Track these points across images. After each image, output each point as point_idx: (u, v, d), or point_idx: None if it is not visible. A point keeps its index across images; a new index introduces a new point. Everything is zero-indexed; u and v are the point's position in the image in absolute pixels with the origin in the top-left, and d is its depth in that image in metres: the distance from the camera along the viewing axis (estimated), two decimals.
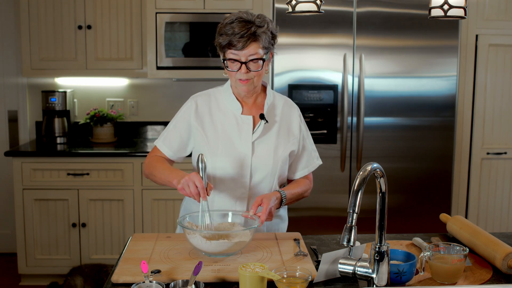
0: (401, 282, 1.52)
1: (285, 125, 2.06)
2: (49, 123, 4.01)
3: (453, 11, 1.67)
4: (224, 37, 1.90)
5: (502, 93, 3.75)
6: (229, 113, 2.03)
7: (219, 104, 2.05)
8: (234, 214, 1.92)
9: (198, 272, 1.49)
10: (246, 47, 1.88)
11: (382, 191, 1.49)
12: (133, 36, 3.86)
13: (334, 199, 3.64)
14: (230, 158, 1.98)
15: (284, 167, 2.05)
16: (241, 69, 1.91)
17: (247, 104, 2.04)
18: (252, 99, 2.04)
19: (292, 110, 2.10)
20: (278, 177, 2.04)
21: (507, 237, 1.95)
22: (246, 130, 2.00)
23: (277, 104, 2.08)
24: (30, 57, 3.85)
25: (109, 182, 3.68)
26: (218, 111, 2.04)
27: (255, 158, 1.99)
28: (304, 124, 2.13)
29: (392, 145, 3.63)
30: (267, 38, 1.93)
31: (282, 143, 2.03)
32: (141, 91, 4.21)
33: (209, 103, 2.06)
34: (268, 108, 2.05)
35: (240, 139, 1.99)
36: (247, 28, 1.88)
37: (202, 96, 2.08)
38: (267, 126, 2.02)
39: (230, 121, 2.02)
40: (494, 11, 3.67)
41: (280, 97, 2.12)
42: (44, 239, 3.72)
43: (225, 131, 2.01)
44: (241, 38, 1.87)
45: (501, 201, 3.84)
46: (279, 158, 2.01)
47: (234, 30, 1.88)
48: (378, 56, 3.54)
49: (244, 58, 1.90)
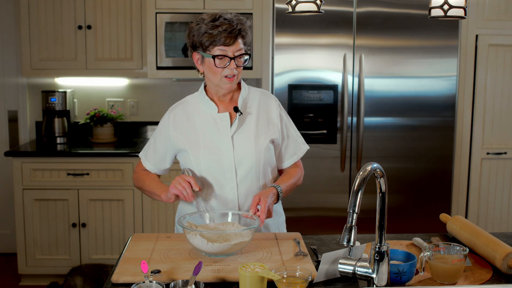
0: (401, 282, 1.52)
1: (263, 115, 2.08)
2: (49, 123, 4.01)
3: (453, 11, 1.67)
4: (208, 36, 1.92)
5: (502, 93, 3.75)
6: (207, 115, 2.05)
7: (196, 108, 2.08)
8: (234, 214, 1.92)
9: (198, 272, 1.49)
10: (234, 43, 1.93)
11: (382, 191, 1.49)
12: (133, 36, 3.86)
13: (334, 199, 3.64)
14: (213, 156, 2.00)
15: (268, 156, 2.06)
16: (230, 65, 1.93)
17: (223, 103, 2.06)
18: (229, 96, 2.07)
19: (269, 100, 2.12)
20: (264, 166, 2.05)
21: (507, 237, 1.95)
22: (223, 126, 2.03)
23: (252, 96, 2.10)
24: (30, 57, 3.85)
25: (109, 182, 3.68)
26: (196, 115, 2.07)
27: (236, 151, 2.01)
28: (284, 113, 2.14)
29: (392, 145, 3.63)
30: (249, 35, 2.00)
31: (262, 133, 2.05)
32: (141, 91, 4.21)
33: (186, 109, 2.09)
34: (243, 101, 2.07)
35: (219, 136, 2.02)
36: (233, 25, 1.93)
37: (179, 105, 2.12)
38: (245, 118, 2.04)
39: (208, 122, 2.04)
40: (494, 11, 3.67)
41: (256, 90, 2.14)
42: (44, 239, 3.72)
43: (204, 132, 2.04)
44: (229, 34, 1.91)
45: (501, 201, 3.84)
46: (261, 147, 2.03)
47: (220, 27, 1.91)
48: (378, 56, 3.54)
49: (231, 54, 1.93)
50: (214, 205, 2.02)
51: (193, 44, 2.00)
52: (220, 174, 2.01)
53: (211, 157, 2.00)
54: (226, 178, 2.01)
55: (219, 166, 2.01)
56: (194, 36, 1.97)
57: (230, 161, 2.00)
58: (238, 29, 1.93)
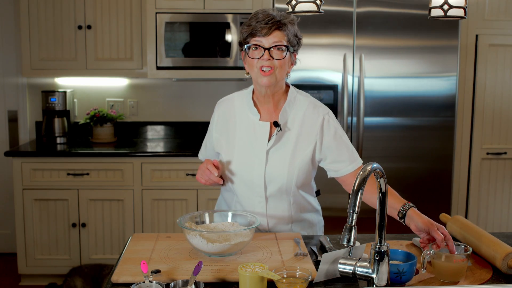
0: (401, 282, 1.52)
1: (305, 131, 1.95)
2: (49, 123, 4.01)
3: (453, 11, 1.67)
4: (247, 27, 1.89)
5: (502, 93, 3.75)
6: (248, 119, 1.98)
7: (240, 109, 2.01)
8: (234, 214, 1.92)
9: (198, 272, 1.49)
10: (270, 34, 1.85)
11: (382, 191, 1.49)
12: (133, 36, 3.86)
13: (334, 199, 3.64)
14: (244, 167, 1.95)
15: (303, 177, 1.97)
16: (264, 56, 1.85)
17: (267, 110, 1.97)
18: (273, 103, 1.96)
19: (316, 114, 1.97)
20: (296, 186, 1.97)
21: (507, 237, 1.95)
22: (261, 137, 1.95)
23: (298, 107, 1.97)
24: (30, 57, 3.85)
25: (109, 182, 3.68)
26: (238, 116, 2.00)
27: (268, 168, 1.94)
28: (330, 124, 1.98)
29: (392, 145, 3.63)
30: (292, 30, 1.90)
31: (300, 152, 1.94)
32: (141, 91, 4.21)
33: (231, 108, 2.03)
34: (286, 114, 1.95)
35: (255, 147, 1.95)
36: (272, 17, 1.87)
37: (225, 102, 2.06)
38: (284, 134, 1.94)
39: (248, 127, 1.97)
40: (494, 11, 3.67)
41: (304, 100, 1.99)
42: (44, 239, 3.72)
43: (242, 138, 1.97)
44: (265, 24, 1.85)
45: (501, 201, 3.84)
46: (295, 168, 1.94)
47: (258, 18, 1.86)
48: (378, 56, 3.54)
49: (267, 44, 1.86)
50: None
51: (239, 42, 1.95)
52: (250, 186, 1.97)
53: (242, 167, 1.96)
54: (255, 192, 1.97)
55: (249, 178, 1.96)
56: (240, 34, 1.93)
57: (260, 177, 1.95)
58: (277, 20, 1.86)
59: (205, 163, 1.93)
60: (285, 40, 1.88)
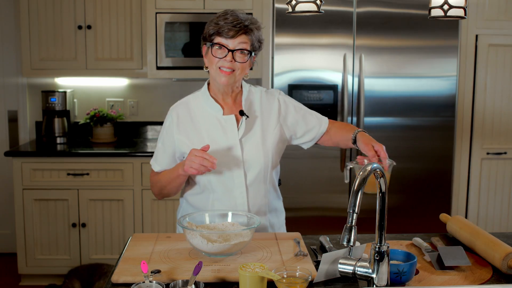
0: (401, 282, 1.52)
1: (267, 116, 2.05)
2: (49, 123, 4.01)
3: (453, 11, 1.67)
4: (214, 25, 1.92)
5: (502, 93, 3.75)
6: (211, 117, 2.01)
7: (199, 109, 2.04)
8: (234, 214, 1.92)
9: (198, 272, 1.49)
10: (236, 37, 1.91)
11: (382, 191, 1.49)
12: (133, 36, 3.86)
13: (334, 199, 3.64)
14: (222, 161, 1.96)
15: (276, 157, 2.06)
16: (227, 57, 1.91)
17: (227, 104, 2.03)
18: (232, 98, 2.04)
19: (270, 98, 2.09)
20: (272, 168, 2.04)
21: (507, 237, 1.95)
22: (230, 130, 1.99)
23: (254, 97, 2.08)
24: (30, 57, 3.85)
25: (109, 182, 3.68)
26: (199, 117, 2.03)
27: (245, 156, 1.98)
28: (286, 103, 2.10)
29: (392, 145, 3.61)
30: (257, 35, 1.96)
31: (268, 134, 2.03)
32: (141, 91, 4.21)
33: (189, 111, 2.04)
34: (246, 103, 2.04)
35: (227, 140, 1.99)
36: (241, 20, 1.91)
37: (181, 106, 2.07)
38: (251, 121, 2.02)
39: (214, 124, 2.00)
40: (494, 11, 3.67)
41: (256, 89, 2.11)
42: (44, 239, 3.72)
43: (211, 135, 1.99)
44: (233, 27, 1.90)
45: (501, 201, 3.84)
46: (269, 149, 2.01)
47: (227, 19, 1.91)
48: (378, 56, 3.54)
49: (232, 46, 1.92)
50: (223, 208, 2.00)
51: (203, 36, 1.99)
52: (229, 179, 1.98)
53: (219, 162, 1.94)
54: (236, 183, 1.99)
55: (228, 171, 1.98)
56: (205, 28, 1.97)
57: (239, 166, 1.98)
58: (245, 25, 1.91)
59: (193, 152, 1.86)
60: (249, 45, 1.94)
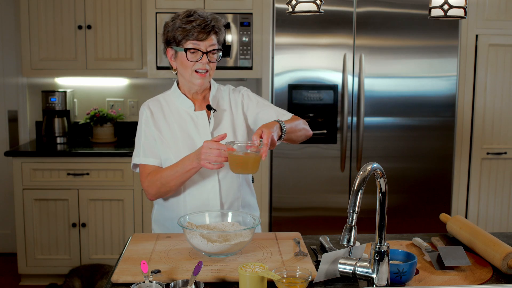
0: (401, 282, 1.52)
1: (235, 110, 2.10)
2: (49, 123, 4.01)
3: (453, 11, 1.67)
4: (182, 30, 1.94)
5: (502, 93, 3.75)
6: (183, 113, 2.05)
7: (171, 106, 2.07)
8: (234, 214, 1.92)
9: (198, 272, 1.49)
10: (208, 38, 1.95)
11: (382, 191, 1.49)
12: (133, 36, 3.86)
13: (334, 199, 3.64)
14: None
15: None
16: (202, 59, 1.95)
17: (197, 101, 2.07)
18: (201, 96, 2.07)
19: (236, 93, 2.14)
20: None
21: (507, 237, 1.95)
22: (202, 124, 2.03)
23: (222, 94, 2.12)
24: (30, 57, 3.85)
25: (109, 182, 3.68)
26: (171, 114, 2.05)
27: None
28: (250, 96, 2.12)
29: (392, 145, 3.63)
30: (223, 33, 2.03)
31: (238, 128, 2.08)
32: (141, 91, 4.21)
33: (161, 108, 2.07)
34: (214, 99, 2.08)
35: (199, 135, 2.02)
36: (207, 21, 1.95)
37: (153, 102, 2.09)
38: (220, 115, 2.06)
39: (186, 120, 2.04)
40: (494, 11, 3.67)
41: (225, 88, 2.15)
42: (44, 239, 3.72)
43: (183, 131, 2.03)
44: (203, 29, 1.94)
45: (501, 201, 3.84)
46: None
47: (195, 22, 1.94)
48: (378, 56, 3.54)
49: (204, 48, 1.95)
50: (195, 204, 2.01)
51: (167, 40, 2.01)
52: (201, 171, 1.99)
53: None
54: (208, 177, 2.01)
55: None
56: (169, 32, 1.99)
57: None
58: (212, 25, 1.96)
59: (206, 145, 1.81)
60: (217, 42, 2.00)
